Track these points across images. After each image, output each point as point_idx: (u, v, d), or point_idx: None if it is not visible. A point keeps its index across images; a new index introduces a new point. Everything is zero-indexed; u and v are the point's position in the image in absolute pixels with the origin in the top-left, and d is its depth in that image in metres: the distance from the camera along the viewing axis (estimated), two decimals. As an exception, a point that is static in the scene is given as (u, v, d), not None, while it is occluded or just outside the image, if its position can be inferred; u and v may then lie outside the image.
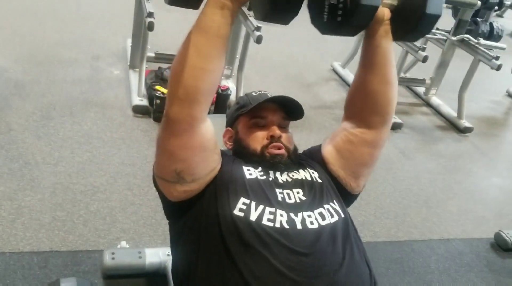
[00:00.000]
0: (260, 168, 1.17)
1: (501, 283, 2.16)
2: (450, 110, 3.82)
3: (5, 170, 2.13)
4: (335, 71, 4.27)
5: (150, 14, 2.62)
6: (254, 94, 1.32)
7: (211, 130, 1.10)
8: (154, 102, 2.79)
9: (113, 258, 1.68)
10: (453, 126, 3.71)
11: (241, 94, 3.14)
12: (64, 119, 2.59)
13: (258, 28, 2.76)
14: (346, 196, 1.25)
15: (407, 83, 4.16)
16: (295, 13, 1.00)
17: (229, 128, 1.34)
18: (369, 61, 1.17)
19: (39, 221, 1.90)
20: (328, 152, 1.27)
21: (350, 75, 4.08)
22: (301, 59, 4.42)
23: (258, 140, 1.23)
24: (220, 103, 3.00)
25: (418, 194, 2.72)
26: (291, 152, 1.24)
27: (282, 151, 1.21)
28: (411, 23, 1.10)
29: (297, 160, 1.26)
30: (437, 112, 3.90)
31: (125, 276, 1.70)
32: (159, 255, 1.73)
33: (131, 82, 3.10)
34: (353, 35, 1.11)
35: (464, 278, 2.14)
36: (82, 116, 2.67)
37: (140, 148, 2.52)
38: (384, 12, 1.10)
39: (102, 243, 1.86)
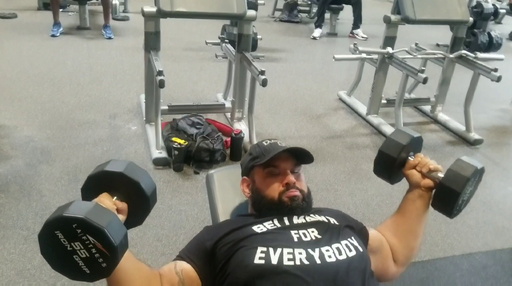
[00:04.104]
0: (271, 222, 1.25)
1: (529, 292, 2.20)
2: (458, 125, 3.90)
3: (42, 235, 2.27)
4: (341, 100, 4.40)
5: (160, 73, 2.79)
6: (265, 143, 1.43)
7: None
8: (173, 153, 2.93)
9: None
10: (463, 140, 3.78)
11: (254, 135, 3.28)
12: (90, 179, 2.74)
13: (262, 72, 2.91)
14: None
15: (413, 104, 4.26)
16: None
17: (245, 177, 1.45)
18: (403, 207, 1.42)
19: (78, 281, 2.01)
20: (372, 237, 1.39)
21: (356, 103, 4.21)
22: (307, 92, 4.57)
23: (274, 188, 1.32)
24: (234, 146, 3.14)
25: (436, 211, 2.78)
26: (306, 194, 1.34)
27: (298, 193, 1.32)
28: (445, 208, 1.32)
29: (311, 202, 1.36)
30: (446, 128, 3.99)
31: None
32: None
33: (149, 136, 3.26)
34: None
35: (491, 291, 2.19)
36: (106, 175, 2.82)
37: (164, 198, 2.65)
38: (420, 179, 1.37)
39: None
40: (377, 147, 1.42)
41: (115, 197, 1.08)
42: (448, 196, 1.26)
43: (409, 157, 1.40)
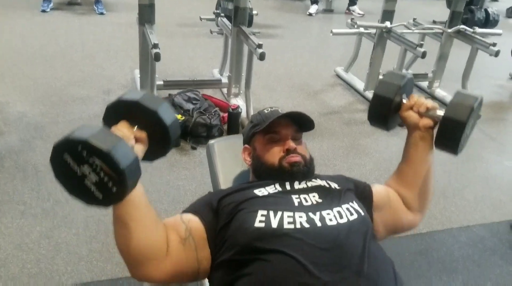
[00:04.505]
0: (273, 186, 1.23)
1: (526, 263, 2.21)
2: (455, 100, 3.88)
3: (38, 210, 2.25)
4: (339, 76, 4.37)
5: (156, 45, 2.74)
6: (266, 111, 1.40)
7: (184, 256, 1.12)
8: (169, 128, 2.89)
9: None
10: (460, 115, 3.77)
11: (251, 110, 3.25)
12: (86, 155, 2.70)
13: (260, 46, 2.87)
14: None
15: (410, 79, 4.23)
16: None
17: (246, 145, 1.43)
18: (406, 154, 1.35)
19: (77, 254, 2.00)
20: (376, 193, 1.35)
21: (354, 79, 4.18)
22: (304, 69, 4.52)
23: (274, 154, 1.30)
24: (232, 121, 3.11)
25: (434, 185, 2.77)
26: (308, 160, 1.32)
27: (299, 158, 1.29)
28: (450, 143, 1.23)
29: (313, 169, 1.34)
30: (443, 103, 3.96)
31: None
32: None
33: (144, 111, 3.21)
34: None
35: (489, 262, 2.20)
36: (102, 150, 2.78)
37: (162, 174, 2.63)
38: (418, 120, 1.28)
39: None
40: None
41: (136, 127, 1.05)
42: (453, 128, 1.19)
43: (403, 100, 1.33)
